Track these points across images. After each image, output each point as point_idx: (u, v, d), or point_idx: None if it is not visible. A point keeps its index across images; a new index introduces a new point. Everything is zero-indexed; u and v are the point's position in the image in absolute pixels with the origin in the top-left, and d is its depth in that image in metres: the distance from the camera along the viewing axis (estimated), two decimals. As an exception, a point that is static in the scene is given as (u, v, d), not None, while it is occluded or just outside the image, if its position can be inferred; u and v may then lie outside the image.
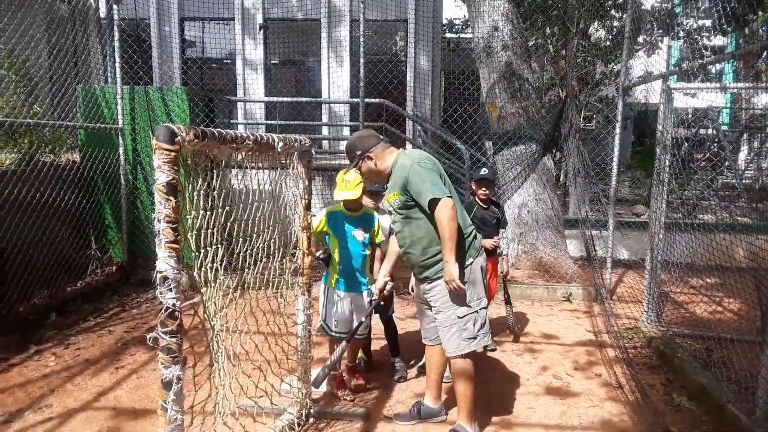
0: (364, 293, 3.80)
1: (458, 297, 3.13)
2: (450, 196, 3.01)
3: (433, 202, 2.97)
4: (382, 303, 3.86)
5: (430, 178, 3.03)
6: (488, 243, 4.37)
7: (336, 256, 3.75)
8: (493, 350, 4.72)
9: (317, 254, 3.71)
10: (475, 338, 3.17)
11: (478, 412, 3.33)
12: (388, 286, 3.56)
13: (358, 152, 3.27)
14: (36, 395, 3.83)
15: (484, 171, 4.58)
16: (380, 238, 3.86)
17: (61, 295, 5.72)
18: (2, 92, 5.73)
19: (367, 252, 3.81)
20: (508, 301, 5.01)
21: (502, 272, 4.72)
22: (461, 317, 3.14)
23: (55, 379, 4.08)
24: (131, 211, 6.83)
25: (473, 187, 4.63)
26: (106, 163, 6.57)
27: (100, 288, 6.20)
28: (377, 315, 4.27)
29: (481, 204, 4.59)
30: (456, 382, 3.24)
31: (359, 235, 3.74)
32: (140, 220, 6.87)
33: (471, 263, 3.18)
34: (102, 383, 4.04)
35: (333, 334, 3.80)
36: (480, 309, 3.19)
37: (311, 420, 3.49)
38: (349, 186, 3.59)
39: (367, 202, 3.91)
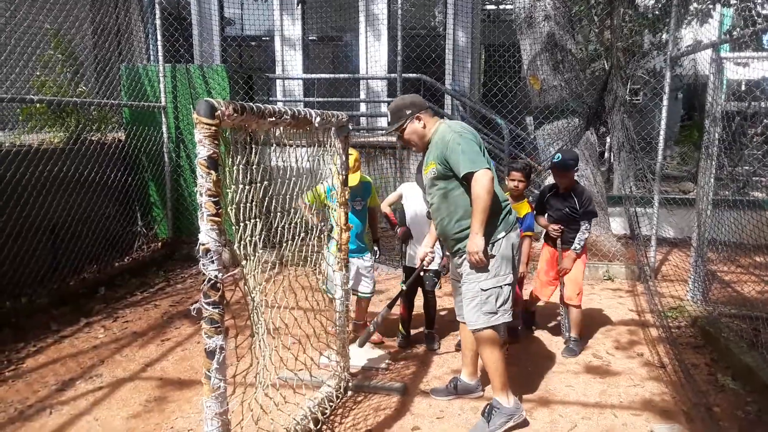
0: (366, 257, 4.20)
1: (485, 270, 3.08)
2: (489, 168, 2.97)
3: (472, 174, 2.94)
4: (422, 273, 3.99)
5: (471, 149, 3.00)
6: (551, 228, 4.25)
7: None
8: (532, 332, 4.67)
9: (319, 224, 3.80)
10: (495, 313, 3.10)
11: (515, 388, 3.31)
12: (427, 258, 3.59)
13: (409, 111, 3.22)
14: (87, 365, 3.99)
15: (557, 157, 4.10)
16: (376, 202, 4.22)
17: (109, 270, 5.93)
18: (50, 72, 5.88)
19: (366, 220, 4.18)
20: (562, 301, 4.34)
21: (561, 269, 4.22)
22: (484, 290, 3.08)
23: (104, 350, 4.25)
24: (175, 189, 6.98)
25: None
26: (149, 141, 6.71)
27: (146, 263, 6.39)
28: (420, 289, 4.30)
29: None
30: (481, 354, 3.20)
31: (358, 204, 4.04)
32: (184, 198, 7.01)
33: (502, 237, 3.11)
34: (149, 354, 4.19)
35: (330, 295, 3.85)
36: (505, 285, 3.11)
37: (349, 393, 3.55)
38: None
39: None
